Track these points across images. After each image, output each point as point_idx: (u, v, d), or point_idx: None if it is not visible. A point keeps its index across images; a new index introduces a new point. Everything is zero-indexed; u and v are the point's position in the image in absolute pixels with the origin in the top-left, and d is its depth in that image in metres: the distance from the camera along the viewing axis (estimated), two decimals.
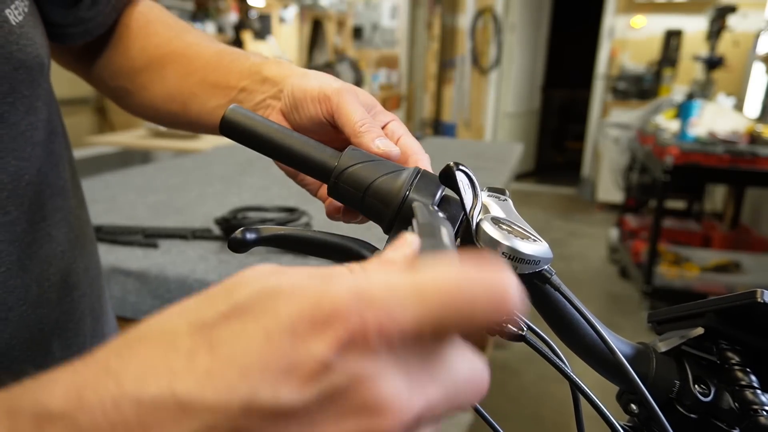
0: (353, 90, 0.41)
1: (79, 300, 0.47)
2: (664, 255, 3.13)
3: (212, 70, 0.48)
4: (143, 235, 0.96)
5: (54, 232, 0.43)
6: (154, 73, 0.51)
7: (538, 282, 0.31)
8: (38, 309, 0.41)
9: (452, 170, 0.31)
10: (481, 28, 5.43)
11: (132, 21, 0.53)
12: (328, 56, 5.19)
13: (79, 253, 0.47)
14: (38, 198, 0.41)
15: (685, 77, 4.58)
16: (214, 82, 0.47)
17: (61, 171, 0.45)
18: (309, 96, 0.40)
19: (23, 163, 0.39)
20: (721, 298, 0.33)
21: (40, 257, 0.41)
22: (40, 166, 0.41)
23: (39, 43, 0.41)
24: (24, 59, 0.38)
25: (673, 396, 0.34)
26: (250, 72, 0.46)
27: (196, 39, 0.52)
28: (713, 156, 2.66)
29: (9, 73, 0.37)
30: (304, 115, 0.41)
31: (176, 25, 0.54)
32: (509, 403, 2.19)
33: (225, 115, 0.38)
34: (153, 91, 0.51)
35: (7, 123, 0.37)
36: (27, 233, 0.40)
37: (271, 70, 0.45)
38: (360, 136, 0.38)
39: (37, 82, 0.41)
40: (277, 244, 0.33)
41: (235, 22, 3.98)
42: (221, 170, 1.58)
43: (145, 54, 0.52)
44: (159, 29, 0.53)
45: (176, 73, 0.50)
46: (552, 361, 0.29)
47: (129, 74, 0.53)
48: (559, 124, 7.20)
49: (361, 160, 0.37)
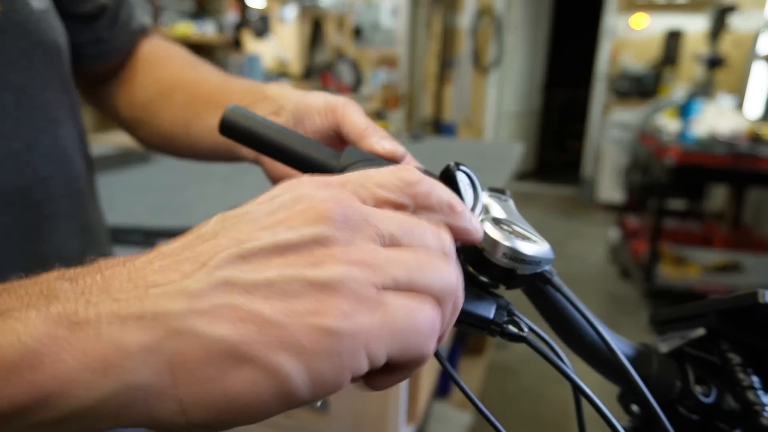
0: (355, 103, 0.42)
1: None
2: (665, 255, 3.13)
3: (217, 92, 0.50)
4: (143, 235, 0.96)
5: (73, 211, 0.45)
6: (164, 101, 0.53)
7: (539, 283, 0.31)
8: None
9: (453, 170, 0.31)
10: (481, 28, 5.43)
11: (149, 55, 0.57)
12: (328, 56, 5.19)
13: (96, 236, 0.49)
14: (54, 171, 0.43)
15: (686, 77, 4.58)
16: (218, 102, 0.49)
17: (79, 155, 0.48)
18: (314, 109, 0.42)
19: (40, 134, 0.41)
20: (722, 298, 0.33)
21: (60, 232, 0.44)
22: (56, 141, 0.43)
23: (58, 31, 0.44)
24: (42, 39, 0.41)
25: (674, 397, 0.34)
26: (253, 92, 0.48)
27: (206, 69, 0.55)
28: (714, 156, 2.65)
29: (28, 49, 0.40)
30: (309, 128, 0.42)
31: (190, 59, 0.57)
32: (509, 404, 2.19)
33: (224, 115, 0.37)
34: (162, 117, 0.54)
35: (27, 94, 0.40)
36: (46, 202, 0.42)
37: (273, 89, 0.47)
38: (367, 138, 0.38)
39: (55, 65, 0.44)
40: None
41: (235, 22, 3.98)
42: (221, 170, 1.58)
43: (158, 84, 0.54)
44: (174, 62, 0.56)
45: (183, 98, 0.52)
46: (553, 362, 0.29)
47: (143, 104, 0.55)
48: (559, 124, 7.20)
49: (361, 159, 0.37)
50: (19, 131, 0.39)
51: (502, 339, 0.29)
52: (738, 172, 2.67)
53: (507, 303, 0.31)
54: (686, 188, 3.97)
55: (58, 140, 0.44)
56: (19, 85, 0.40)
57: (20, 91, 0.40)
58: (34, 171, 0.41)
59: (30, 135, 0.40)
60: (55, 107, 0.43)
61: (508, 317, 0.30)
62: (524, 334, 0.29)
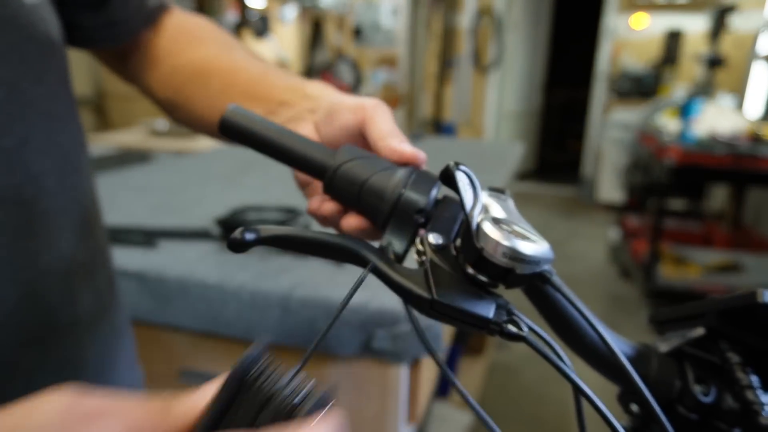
0: (386, 107, 0.42)
1: (87, 278, 0.47)
2: (665, 255, 3.13)
3: (255, 83, 0.49)
4: (142, 235, 0.96)
5: (69, 206, 0.45)
6: (200, 85, 0.53)
7: (539, 282, 0.31)
8: (45, 277, 0.42)
9: (452, 170, 0.31)
10: (481, 28, 5.43)
11: (177, 32, 0.56)
12: (328, 56, 5.19)
13: (92, 233, 0.49)
14: (47, 166, 0.43)
15: (686, 77, 4.58)
16: (256, 94, 0.49)
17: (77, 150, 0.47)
18: (346, 107, 0.42)
19: (31, 129, 0.41)
20: (722, 298, 0.33)
21: (53, 227, 0.43)
22: (50, 136, 0.43)
23: (51, 25, 0.44)
24: (34, 33, 0.41)
25: (674, 396, 0.34)
26: (294, 88, 0.47)
27: (243, 56, 0.53)
28: (714, 156, 2.65)
29: (20, 43, 0.40)
30: (337, 124, 0.42)
31: (226, 42, 0.56)
32: (509, 404, 2.19)
33: (224, 115, 0.38)
34: (198, 101, 0.53)
35: (19, 89, 0.40)
36: (38, 198, 0.42)
37: (314, 88, 0.46)
38: (388, 139, 0.38)
39: (47, 59, 0.43)
40: (277, 243, 0.33)
41: (235, 22, 3.98)
42: (221, 170, 1.58)
43: (192, 66, 0.53)
44: (208, 44, 0.55)
45: (220, 85, 0.51)
46: (553, 362, 0.29)
47: (175, 86, 0.54)
48: (559, 124, 7.20)
49: (357, 156, 0.37)
50: (10, 127, 0.39)
51: (501, 338, 0.29)
52: (738, 172, 2.67)
53: (506, 302, 0.31)
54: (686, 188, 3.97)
55: (52, 135, 0.43)
56: (10, 80, 0.39)
57: (12, 86, 0.39)
58: (26, 167, 0.40)
59: (22, 130, 0.40)
60: (49, 102, 0.43)
61: (507, 317, 0.30)
62: (524, 334, 0.29)
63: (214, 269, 0.83)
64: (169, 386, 0.87)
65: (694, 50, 4.17)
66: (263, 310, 0.77)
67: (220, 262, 0.87)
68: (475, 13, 5.36)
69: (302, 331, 0.76)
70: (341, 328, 0.73)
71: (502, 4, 5.41)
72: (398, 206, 0.35)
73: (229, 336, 0.81)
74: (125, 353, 0.55)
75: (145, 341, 0.87)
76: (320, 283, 0.79)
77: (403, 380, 0.76)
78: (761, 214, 3.76)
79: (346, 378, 0.77)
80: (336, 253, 0.33)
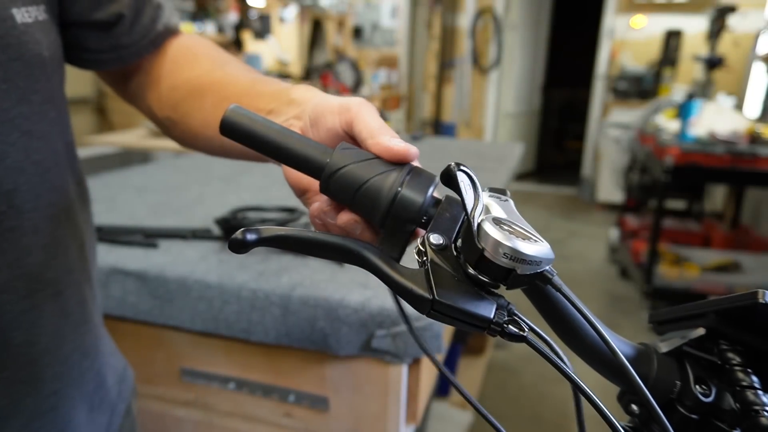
0: (371, 105, 0.42)
1: (53, 298, 0.47)
2: (665, 255, 3.13)
3: (245, 95, 0.50)
4: (143, 235, 0.96)
5: (40, 225, 0.45)
6: (195, 102, 0.53)
7: (540, 283, 0.31)
8: (2, 294, 0.42)
9: (453, 171, 0.31)
10: (481, 28, 5.43)
11: (178, 55, 0.57)
12: (328, 56, 5.19)
13: (63, 252, 0.48)
14: (21, 183, 0.43)
15: (685, 77, 4.59)
16: (246, 105, 0.49)
17: (59, 169, 0.47)
18: (329, 109, 0.41)
19: (8, 147, 0.41)
20: (721, 298, 0.33)
21: (20, 245, 0.43)
22: (29, 155, 0.43)
23: (44, 45, 0.44)
24: (22, 53, 0.41)
25: (674, 396, 0.34)
26: (279, 95, 0.47)
27: (234, 70, 0.54)
28: (713, 156, 2.66)
29: (5, 62, 0.40)
30: (322, 127, 0.42)
31: (219, 58, 0.56)
32: (509, 404, 2.19)
33: (225, 115, 0.37)
34: (193, 118, 0.54)
35: (0, 108, 0.40)
36: (7, 215, 0.42)
37: (298, 93, 0.46)
38: (378, 136, 0.38)
39: (35, 78, 0.43)
40: (278, 244, 0.33)
41: (235, 22, 3.98)
42: (221, 170, 1.58)
43: (188, 85, 0.54)
44: (203, 62, 0.56)
45: (213, 100, 0.52)
46: (553, 362, 0.29)
47: (172, 104, 0.55)
48: (559, 124, 7.20)
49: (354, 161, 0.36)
50: None
51: (502, 339, 0.29)
52: (737, 172, 2.68)
53: (507, 303, 0.31)
54: (685, 188, 3.98)
55: (31, 154, 0.43)
56: None
57: None
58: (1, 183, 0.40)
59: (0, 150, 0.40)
60: (31, 121, 0.43)
61: (508, 317, 0.30)
62: (524, 334, 0.29)
63: (215, 269, 0.83)
64: (169, 386, 0.88)
65: (694, 51, 4.17)
66: (263, 310, 0.77)
67: (221, 262, 0.87)
68: (475, 13, 5.36)
69: (302, 331, 0.76)
70: (341, 328, 0.74)
71: (502, 5, 5.41)
72: (395, 204, 0.35)
73: (229, 336, 0.81)
74: (90, 376, 0.53)
75: (145, 341, 0.87)
76: (320, 283, 0.79)
77: (402, 380, 0.76)
78: (760, 214, 3.77)
79: (346, 378, 0.77)
80: (336, 253, 0.34)
